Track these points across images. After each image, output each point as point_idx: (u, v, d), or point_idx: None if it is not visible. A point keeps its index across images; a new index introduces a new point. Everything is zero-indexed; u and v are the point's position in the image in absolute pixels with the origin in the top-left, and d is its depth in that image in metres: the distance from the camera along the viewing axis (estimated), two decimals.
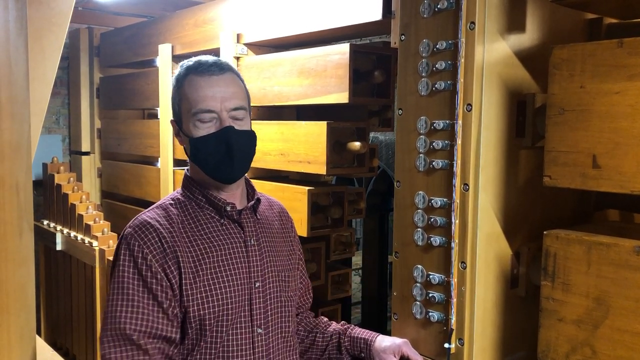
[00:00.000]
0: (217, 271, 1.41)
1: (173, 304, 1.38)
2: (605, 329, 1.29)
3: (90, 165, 4.14)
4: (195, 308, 1.37)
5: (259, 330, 1.44)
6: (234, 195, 1.50)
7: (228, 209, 1.46)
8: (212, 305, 1.38)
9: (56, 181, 3.65)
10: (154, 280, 1.37)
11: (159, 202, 1.52)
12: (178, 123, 1.49)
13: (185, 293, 1.37)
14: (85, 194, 3.58)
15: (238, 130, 1.43)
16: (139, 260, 1.37)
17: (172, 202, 1.50)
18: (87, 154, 4.13)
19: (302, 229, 2.37)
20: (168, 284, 1.37)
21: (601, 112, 1.29)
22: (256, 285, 1.46)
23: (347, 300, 3.75)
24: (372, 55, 2.31)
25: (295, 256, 1.65)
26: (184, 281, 1.37)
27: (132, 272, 1.37)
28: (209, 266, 1.40)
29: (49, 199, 3.78)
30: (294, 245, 1.66)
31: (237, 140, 1.42)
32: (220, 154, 1.42)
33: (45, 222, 3.78)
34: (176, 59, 3.20)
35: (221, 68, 1.45)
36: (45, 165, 3.77)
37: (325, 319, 1.75)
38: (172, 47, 3.22)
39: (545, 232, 1.40)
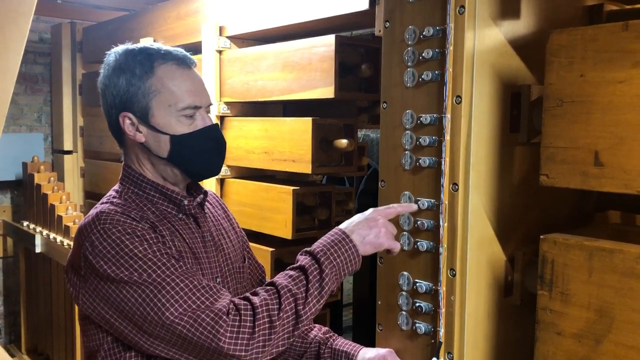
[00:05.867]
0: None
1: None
2: (608, 344, 1.18)
3: (73, 164, 4.00)
4: None
5: None
6: (182, 191, 1.46)
7: (185, 202, 1.40)
8: None
9: (36, 181, 3.55)
10: (160, 237, 1.29)
11: (102, 201, 1.38)
12: (142, 117, 1.35)
13: None
14: (65, 194, 3.47)
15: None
16: (132, 228, 1.26)
17: (118, 200, 1.37)
18: (69, 152, 3.99)
19: (286, 231, 2.29)
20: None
21: (604, 103, 1.17)
22: (217, 281, 1.41)
23: (337, 303, 3.66)
24: (359, 48, 2.19)
25: (243, 242, 1.60)
26: None
27: (132, 238, 1.24)
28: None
29: (29, 199, 3.67)
30: (237, 231, 1.60)
31: (222, 137, 1.45)
32: (210, 151, 1.39)
33: (25, 223, 3.67)
34: None
35: (193, 62, 1.42)
36: (25, 165, 3.66)
37: None
38: (154, 41, 3.10)
39: (542, 237, 1.28)
